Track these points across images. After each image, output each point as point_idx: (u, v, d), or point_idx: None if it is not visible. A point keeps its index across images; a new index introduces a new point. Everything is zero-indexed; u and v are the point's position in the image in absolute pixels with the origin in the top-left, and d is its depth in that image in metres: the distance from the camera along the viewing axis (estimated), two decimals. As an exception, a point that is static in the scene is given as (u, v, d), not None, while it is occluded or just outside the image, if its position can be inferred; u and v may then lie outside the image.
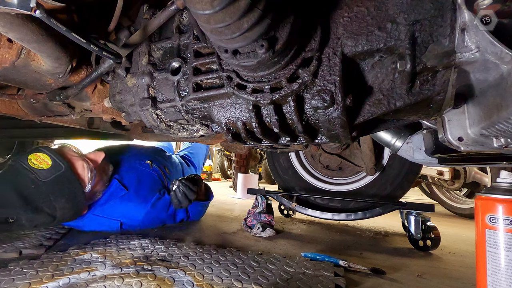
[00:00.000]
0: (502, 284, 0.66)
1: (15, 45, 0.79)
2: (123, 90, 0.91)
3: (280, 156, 2.14)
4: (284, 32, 0.53)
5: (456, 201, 2.98)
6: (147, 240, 1.29)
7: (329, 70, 0.60)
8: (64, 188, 1.20)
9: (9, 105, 1.14)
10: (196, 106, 0.79)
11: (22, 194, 1.09)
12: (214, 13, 0.46)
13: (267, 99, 0.62)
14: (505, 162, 0.94)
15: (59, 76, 0.89)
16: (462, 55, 0.52)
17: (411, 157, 1.16)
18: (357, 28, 0.58)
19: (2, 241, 1.17)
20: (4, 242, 1.15)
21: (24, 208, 1.10)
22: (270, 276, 0.95)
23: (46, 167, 1.15)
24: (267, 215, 1.73)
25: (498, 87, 0.53)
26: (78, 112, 1.11)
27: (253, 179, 3.58)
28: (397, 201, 1.60)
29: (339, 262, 1.10)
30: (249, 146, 1.36)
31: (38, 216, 1.15)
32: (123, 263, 1.00)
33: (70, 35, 0.66)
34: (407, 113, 0.67)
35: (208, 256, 1.11)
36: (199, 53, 0.79)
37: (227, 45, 0.54)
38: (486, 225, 0.70)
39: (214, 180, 6.97)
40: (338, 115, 0.61)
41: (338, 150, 1.88)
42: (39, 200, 1.14)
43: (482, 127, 0.59)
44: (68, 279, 0.85)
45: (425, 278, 1.07)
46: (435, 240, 1.42)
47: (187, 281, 0.88)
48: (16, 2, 0.56)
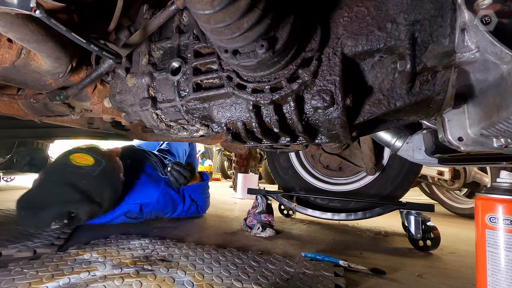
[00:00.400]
0: (502, 284, 0.66)
1: (15, 45, 0.79)
2: (123, 90, 0.91)
3: (280, 156, 2.14)
4: (284, 32, 0.53)
5: (456, 201, 2.98)
6: (147, 240, 1.29)
7: (329, 70, 0.60)
8: (108, 179, 1.36)
9: (9, 105, 1.14)
10: (196, 106, 0.79)
11: (79, 189, 1.21)
12: (214, 13, 0.46)
13: (267, 99, 0.62)
14: (505, 162, 0.94)
15: (59, 76, 0.89)
16: (462, 55, 0.52)
17: (411, 157, 1.16)
18: (357, 28, 0.58)
19: (12, 241, 1.18)
20: (15, 242, 1.16)
21: (83, 201, 1.22)
22: (270, 276, 0.95)
23: (91, 163, 1.29)
24: (267, 215, 1.73)
25: (498, 87, 0.53)
26: (78, 112, 1.11)
27: (253, 179, 3.58)
28: (397, 201, 1.60)
29: (339, 262, 1.10)
30: (249, 146, 1.37)
31: (92, 208, 1.27)
32: (123, 263, 1.00)
33: (70, 35, 0.66)
34: (407, 113, 0.67)
35: (208, 256, 1.11)
36: (199, 53, 0.79)
37: (227, 45, 0.54)
38: (486, 225, 0.70)
39: (214, 180, 6.96)
40: (338, 115, 0.61)
41: (338, 150, 1.88)
42: (92, 193, 1.26)
43: (482, 127, 0.59)
44: (68, 279, 0.85)
45: (425, 278, 1.07)
46: (435, 240, 1.42)
47: (187, 281, 0.88)
48: (16, 2, 0.56)
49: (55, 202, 1.17)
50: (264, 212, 1.76)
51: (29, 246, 1.13)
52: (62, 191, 1.19)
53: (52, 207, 1.16)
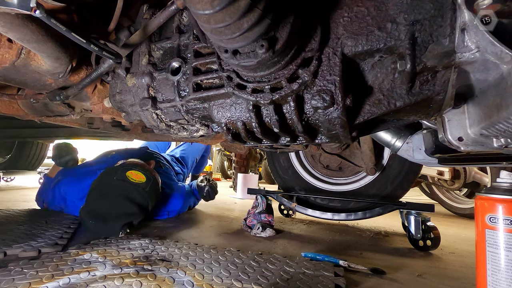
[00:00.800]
0: (502, 284, 0.66)
1: (15, 45, 0.79)
2: (123, 90, 0.91)
3: (280, 156, 2.14)
4: (284, 32, 0.53)
5: (456, 201, 2.98)
6: (147, 240, 1.29)
7: (329, 70, 0.60)
8: (155, 193, 1.61)
9: (9, 105, 1.14)
10: (196, 106, 0.79)
11: (137, 203, 1.45)
12: (214, 13, 0.46)
13: (267, 99, 0.62)
14: (505, 162, 0.94)
15: (59, 76, 0.89)
16: (462, 55, 0.52)
17: (411, 157, 1.16)
18: (357, 28, 0.58)
19: (16, 241, 1.18)
20: (19, 242, 1.16)
21: (140, 213, 1.47)
22: (270, 276, 0.95)
23: (143, 180, 1.53)
24: (267, 215, 1.73)
25: (498, 87, 0.53)
26: (78, 112, 1.11)
27: (253, 179, 3.58)
28: (397, 201, 1.60)
29: (339, 262, 1.10)
30: (249, 146, 1.39)
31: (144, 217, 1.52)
32: (123, 263, 1.00)
33: (70, 35, 0.66)
34: (407, 113, 0.67)
35: (208, 256, 1.11)
36: (199, 53, 0.79)
37: (227, 45, 0.54)
38: (486, 225, 0.70)
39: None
40: (338, 115, 0.61)
41: (338, 150, 1.88)
42: (145, 205, 1.50)
43: (482, 127, 0.59)
44: (68, 279, 0.85)
45: (425, 278, 1.07)
46: (435, 240, 1.42)
47: (187, 281, 0.88)
48: (16, 2, 0.56)
49: (121, 215, 1.40)
50: (264, 212, 1.75)
51: (34, 246, 1.13)
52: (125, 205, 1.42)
53: (119, 219, 1.39)
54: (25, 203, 2.32)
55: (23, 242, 1.17)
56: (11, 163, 3.63)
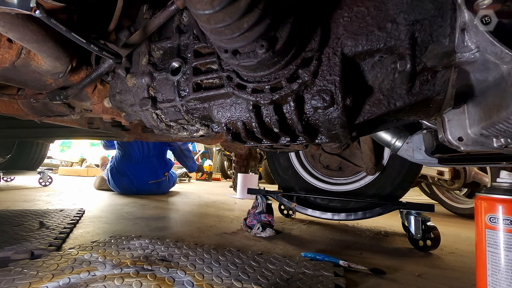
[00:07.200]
0: (502, 284, 0.66)
1: (15, 45, 0.79)
2: (123, 90, 0.91)
3: (280, 156, 2.14)
4: (284, 32, 0.53)
5: (456, 201, 2.98)
6: (147, 240, 1.29)
7: (329, 70, 0.60)
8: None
9: (9, 105, 1.14)
10: (196, 106, 0.79)
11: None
12: (214, 13, 0.46)
13: (267, 99, 0.62)
14: (505, 162, 0.94)
15: (59, 76, 0.89)
16: (462, 55, 0.52)
17: (411, 157, 1.16)
18: (357, 28, 0.58)
19: (9, 242, 1.17)
20: (11, 244, 1.15)
21: None
22: (270, 276, 0.95)
23: None
24: (267, 215, 1.73)
25: (498, 87, 0.53)
26: (78, 112, 1.11)
27: (253, 179, 3.57)
28: (397, 201, 1.60)
29: (339, 262, 1.10)
30: (249, 146, 1.38)
31: None
32: (123, 263, 1.00)
33: (70, 35, 0.66)
34: (407, 113, 0.67)
35: (208, 256, 1.11)
36: (199, 53, 0.79)
37: (227, 45, 0.54)
38: (486, 225, 0.70)
39: (214, 180, 6.96)
40: (338, 115, 0.61)
41: (338, 150, 1.88)
42: None
43: (482, 127, 0.59)
44: (68, 279, 0.85)
45: (425, 278, 1.07)
46: (435, 240, 1.42)
47: (187, 281, 0.88)
48: (16, 2, 0.56)
49: None
50: (264, 212, 1.75)
51: (26, 248, 1.11)
52: None
53: None
54: (25, 203, 2.32)
55: (16, 244, 1.15)
56: (11, 163, 3.63)
